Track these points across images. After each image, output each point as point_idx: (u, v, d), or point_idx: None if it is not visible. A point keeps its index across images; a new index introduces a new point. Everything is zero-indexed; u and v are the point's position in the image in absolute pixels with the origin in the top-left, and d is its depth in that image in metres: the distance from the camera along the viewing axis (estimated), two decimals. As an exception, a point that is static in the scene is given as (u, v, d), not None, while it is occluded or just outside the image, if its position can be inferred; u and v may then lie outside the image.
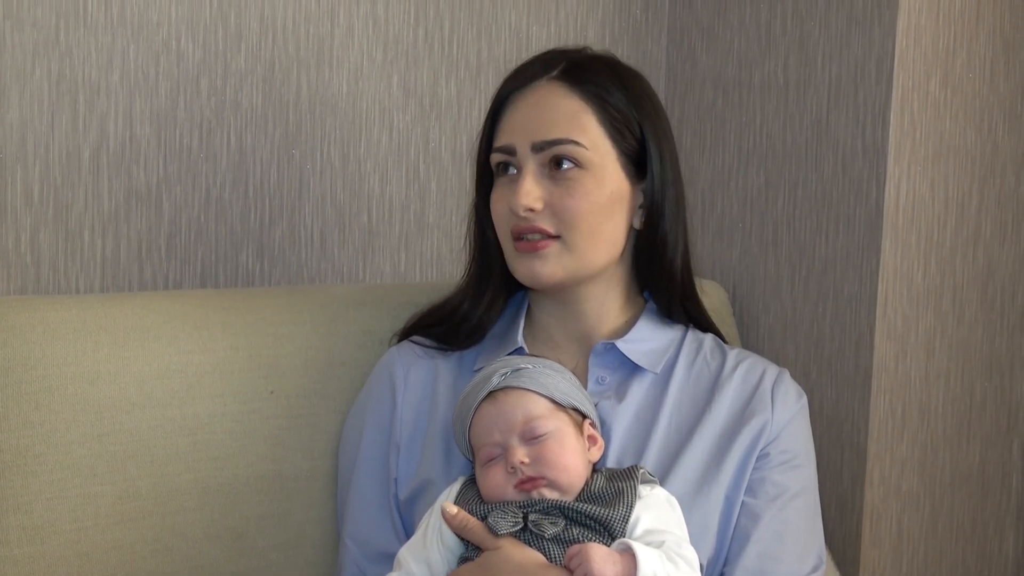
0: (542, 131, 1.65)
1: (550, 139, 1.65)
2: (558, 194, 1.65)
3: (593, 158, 1.65)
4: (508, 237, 1.69)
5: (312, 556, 1.83)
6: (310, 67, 2.17)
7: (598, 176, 1.66)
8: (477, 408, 1.56)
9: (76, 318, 1.70)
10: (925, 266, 2.11)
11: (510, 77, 1.73)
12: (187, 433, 1.74)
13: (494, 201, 1.71)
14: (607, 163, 1.67)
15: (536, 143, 1.65)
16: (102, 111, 2.00)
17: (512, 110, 1.70)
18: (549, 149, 1.65)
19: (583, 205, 1.64)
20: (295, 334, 1.84)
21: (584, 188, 1.65)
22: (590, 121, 1.66)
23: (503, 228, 1.70)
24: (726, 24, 2.36)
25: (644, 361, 1.71)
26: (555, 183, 1.65)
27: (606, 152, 1.67)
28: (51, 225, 1.98)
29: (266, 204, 2.15)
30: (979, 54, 2.13)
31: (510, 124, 1.69)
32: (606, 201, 1.66)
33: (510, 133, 1.68)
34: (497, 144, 1.70)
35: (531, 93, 1.69)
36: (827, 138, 2.16)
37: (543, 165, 1.66)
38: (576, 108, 1.66)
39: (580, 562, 1.41)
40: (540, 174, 1.66)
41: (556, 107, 1.66)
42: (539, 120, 1.66)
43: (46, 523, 1.64)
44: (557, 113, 1.66)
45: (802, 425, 1.72)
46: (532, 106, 1.68)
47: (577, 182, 1.65)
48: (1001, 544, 2.27)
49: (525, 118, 1.67)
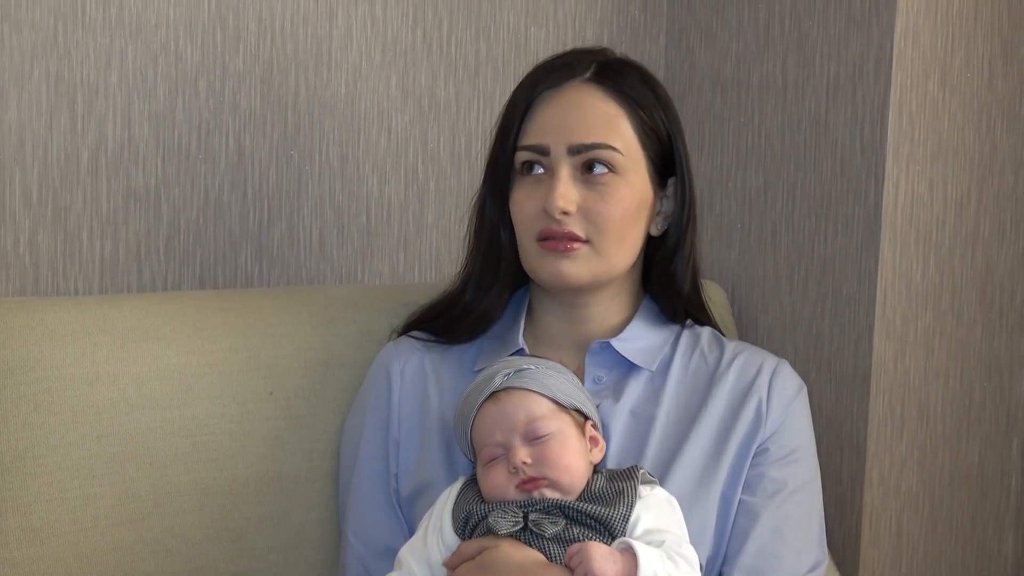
0: (579, 134, 1.64)
1: (588, 143, 1.64)
2: (592, 199, 1.64)
3: (627, 164, 1.66)
4: (532, 238, 1.67)
5: (311, 557, 1.83)
6: (308, 68, 2.16)
7: (629, 182, 1.66)
8: (479, 408, 1.56)
9: (75, 320, 1.70)
10: (924, 266, 2.12)
11: (539, 76, 1.71)
12: (186, 434, 1.74)
13: (518, 200, 1.69)
14: (638, 168, 1.67)
15: (573, 145, 1.64)
16: (100, 112, 2.00)
17: (544, 109, 1.68)
18: (586, 153, 1.64)
19: (616, 211, 1.64)
20: (294, 335, 1.84)
21: (618, 194, 1.65)
22: (625, 126, 1.67)
23: (528, 228, 1.68)
24: (724, 24, 2.36)
25: (639, 359, 1.71)
26: (588, 187, 1.65)
27: (637, 158, 1.67)
28: (50, 226, 1.98)
29: (265, 205, 2.15)
30: (977, 54, 2.13)
31: (543, 123, 1.67)
32: (635, 207, 1.67)
33: (543, 133, 1.67)
34: (527, 142, 1.68)
35: (565, 93, 1.68)
36: (825, 138, 2.16)
37: (577, 168, 1.65)
38: (613, 112, 1.66)
39: (580, 561, 1.41)
40: (573, 177, 1.65)
41: (593, 109, 1.66)
42: (576, 122, 1.65)
43: (45, 525, 1.64)
44: (595, 116, 1.66)
45: (801, 417, 1.72)
46: (568, 107, 1.67)
47: (611, 187, 1.64)
48: (1000, 544, 2.27)
49: (560, 119, 1.66)
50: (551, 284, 1.69)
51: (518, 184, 1.70)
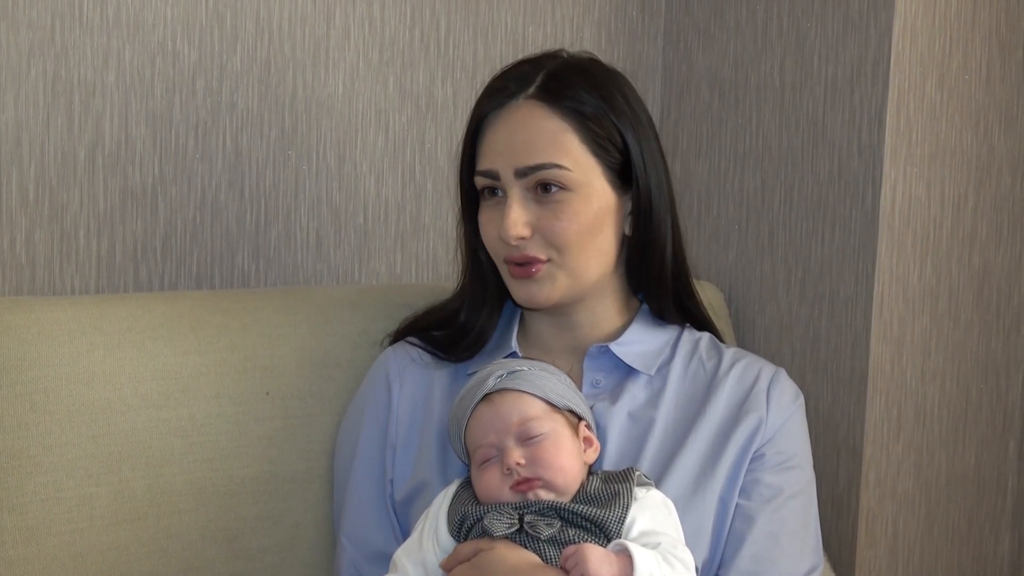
0: (524, 156, 1.63)
1: (533, 164, 1.62)
2: (546, 218, 1.63)
3: (579, 178, 1.63)
4: (502, 263, 1.68)
5: (307, 557, 1.82)
6: (306, 68, 2.16)
7: (585, 195, 1.64)
8: (473, 410, 1.56)
9: (71, 319, 1.70)
10: (921, 268, 2.12)
11: (486, 95, 1.69)
12: (182, 434, 1.74)
13: (483, 224, 1.69)
14: (593, 180, 1.65)
15: (519, 168, 1.63)
16: (97, 112, 2.00)
17: (491, 132, 1.67)
18: (533, 174, 1.63)
19: (571, 227, 1.63)
20: (291, 335, 1.84)
21: (572, 209, 1.63)
22: (572, 141, 1.64)
23: (495, 253, 1.69)
24: (722, 25, 2.36)
25: (638, 363, 1.71)
26: (542, 206, 1.63)
27: (590, 169, 1.65)
28: (46, 226, 1.97)
29: (262, 205, 2.15)
30: (975, 56, 2.13)
31: (491, 147, 1.66)
32: (594, 219, 1.65)
33: (492, 158, 1.66)
34: (480, 168, 1.67)
35: (509, 114, 1.66)
36: (823, 140, 2.16)
37: (528, 189, 1.64)
38: (556, 128, 1.63)
39: (576, 563, 1.41)
40: (526, 198, 1.64)
41: (537, 129, 1.63)
42: (520, 144, 1.63)
43: (41, 524, 1.64)
44: (538, 136, 1.63)
45: (798, 425, 1.72)
46: (511, 129, 1.65)
47: (565, 204, 1.63)
48: (996, 546, 2.27)
49: (506, 142, 1.65)
50: (527, 307, 1.70)
51: (482, 207, 1.70)
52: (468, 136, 1.70)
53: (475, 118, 1.69)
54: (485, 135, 1.68)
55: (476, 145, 1.69)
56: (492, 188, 1.67)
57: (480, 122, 1.68)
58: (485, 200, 1.69)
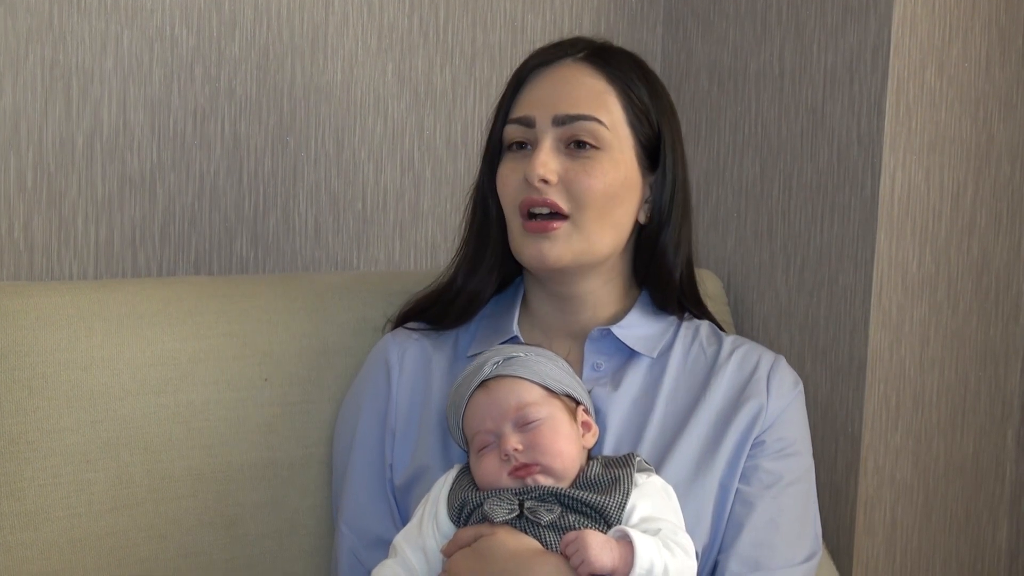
0: (565, 104, 1.65)
1: (573, 113, 1.64)
2: (574, 171, 1.64)
3: (612, 140, 1.65)
4: (516, 213, 1.67)
5: (306, 544, 1.83)
6: (304, 55, 2.16)
7: (615, 158, 1.66)
8: (470, 397, 1.56)
9: (69, 305, 1.69)
10: (920, 256, 2.12)
11: (533, 55, 1.73)
12: (181, 420, 1.74)
13: (503, 175, 1.69)
14: (624, 147, 1.67)
15: (559, 116, 1.65)
16: (96, 97, 1.99)
17: (534, 84, 1.69)
18: (571, 124, 1.64)
19: (598, 185, 1.64)
20: (289, 322, 1.84)
21: (601, 168, 1.64)
22: (613, 103, 1.67)
23: (511, 202, 1.68)
24: (722, 13, 2.35)
25: (640, 346, 1.71)
26: (572, 160, 1.65)
27: (624, 137, 1.67)
28: (44, 212, 1.97)
29: (260, 192, 2.15)
30: (974, 44, 2.12)
31: (531, 97, 1.68)
32: (619, 185, 1.66)
33: (531, 105, 1.68)
34: (515, 115, 1.69)
35: (556, 69, 1.69)
36: (822, 128, 2.15)
37: (561, 140, 1.65)
38: (601, 88, 1.67)
39: (576, 549, 1.41)
40: (557, 149, 1.65)
41: (582, 84, 1.67)
42: (564, 93, 1.66)
43: (39, 510, 1.64)
44: (582, 89, 1.66)
45: (798, 412, 1.72)
46: (557, 80, 1.68)
47: (595, 161, 1.64)
48: (994, 534, 2.27)
49: (549, 91, 1.67)
50: (534, 266, 1.69)
51: (505, 159, 1.71)
52: (509, 88, 1.72)
53: (519, 74, 1.72)
54: (526, 88, 1.70)
55: (514, 98, 1.71)
56: (521, 144, 1.68)
57: (524, 77, 1.71)
58: (511, 152, 1.70)
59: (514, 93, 1.71)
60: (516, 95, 1.71)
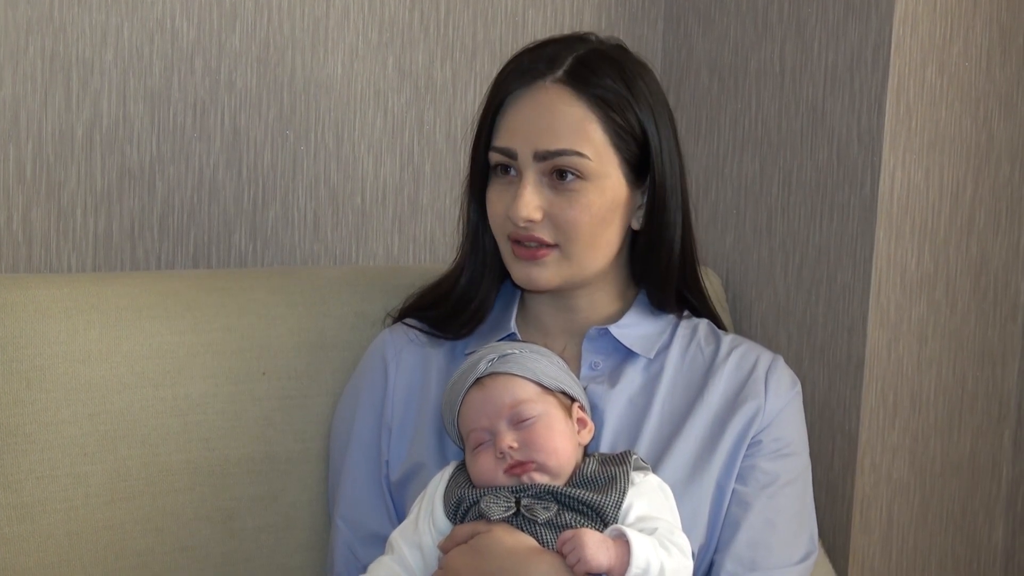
0: (545, 140, 1.62)
1: (554, 149, 1.61)
2: (559, 205, 1.62)
3: (596, 168, 1.63)
4: (505, 240, 1.67)
5: (303, 538, 1.83)
6: (305, 48, 2.16)
7: (600, 186, 1.64)
8: (465, 395, 1.56)
9: (68, 297, 1.69)
10: (919, 255, 2.11)
11: (512, 72, 1.68)
12: (178, 414, 1.74)
13: (491, 201, 1.68)
14: (610, 171, 1.65)
15: (539, 152, 1.62)
16: (95, 89, 1.99)
17: (514, 111, 1.66)
18: (552, 159, 1.62)
19: (583, 217, 1.63)
20: (287, 315, 1.84)
21: (586, 199, 1.62)
22: (595, 130, 1.63)
23: (499, 229, 1.68)
24: (723, 10, 2.35)
25: (637, 346, 1.71)
26: (556, 193, 1.63)
27: (608, 161, 1.64)
28: (43, 203, 1.97)
29: (259, 185, 2.15)
30: (975, 43, 2.12)
31: (512, 126, 1.65)
32: (607, 210, 1.65)
33: (511, 136, 1.65)
34: (497, 144, 1.66)
35: (535, 95, 1.64)
36: (822, 125, 2.15)
37: (544, 174, 1.63)
38: (580, 116, 1.63)
39: (573, 547, 1.41)
40: (540, 183, 1.63)
41: (561, 115, 1.62)
42: (543, 127, 1.62)
43: (36, 502, 1.64)
44: (562, 121, 1.62)
45: (795, 412, 1.72)
46: (536, 110, 1.64)
47: (579, 193, 1.62)
48: (991, 533, 2.28)
49: (528, 122, 1.64)
50: (525, 288, 1.69)
51: (492, 183, 1.69)
52: (488, 110, 1.69)
53: (499, 93, 1.68)
54: (507, 112, 1.66)
55: (496, 120, 1.68)
56: (506, 166, 1.66)
57: (503, 99, 1.67)
58: (496, 176, 1.68)
59: (493, 116, 1.68)
60: (496, 119, 1.67)
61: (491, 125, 1.68)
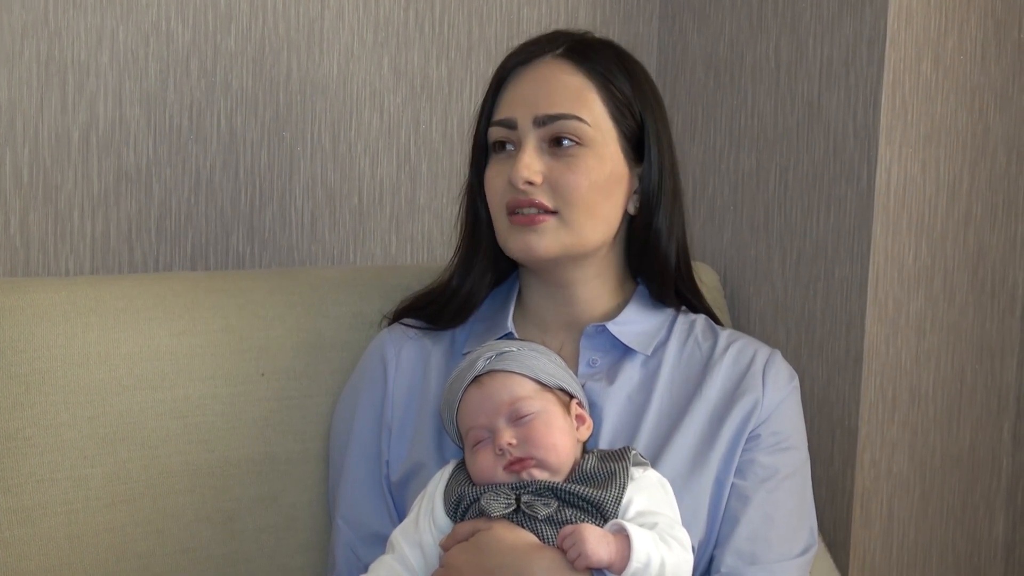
0: (545, 105, 1.65)
1: (553, 113, 1.64)
2: (559, 169, 1.64)
3: (595, 136, 1.65)
4: (502, 212, 1.67)
5: (303, 538, 1.83)
6: (300, 49, 2.16)
7: (599, 154, 1.65)
8: (463, 393, 1.56)
9: (66, 300, 1.69)
10: (916, 248, 2.12)
11: (513, 53, 1.72)
12: (178, 415, 1.74)
13: (489, 177, 1.70)
14: (608, 142, 1.66)
15: (539, 117, 1.64)
16: (91, 92, 1.99)
17: (514, 84, 1.69)
18: (552, 124, 1.64)
19: (583, 181, 1.64)
20: (286, 316, 1.84)
21: (585, 164, 1.64)
22: (594, 99, 1.66)
23: (497, 203, 1.68)
24: (717, 6, 2.35)
25: (635, 343, 1.71)
26: (555, 159, 1.64)
27: (607, 131, 1.67)
28: (40, 207, 1.97)
29: (256, 186, 2.15)
30: (970, 36, 2.12)
31: (512, 97, 1.68)
32: (605, 180, 1.66)
33: (512, 106, 1.67)
34: (497, 117, 1.69)
35: (535, 68, 1.69)
36: (818, 120, 2.15)
37: (544, 140, 1.65)
38: (581, 85, 1.66)
39: (574, 543, 1.41)
40: (540, 149, 1.65)
41: (560, 82, 1.66)
42: (543, 94, 1.66)
43: (37, 505, 1.64)
44: (561, 88, 1.66)
45: (793, 406, 1.72)
46: (536, 80, 1.67)
47: (578, 158, 1.64)
48: (991, 526, 2.28)
49: (528, 91, 1.67)
50: (522, 259, 1.69)
51: (491, 161, 1.71)
52: (490, 90, 1.72)
53: (499, 73, 1.72)
54: (507, 88, 1.70)
55: (496, 98, 1.71)
56: (504, 143, 1.68)
57: (504, 76, 1.70)
58: (496, 154, 1.70)
59: (495, 94, 1.71)
60: (497, 96, 1.71)
61: (492, 104, 1.71)
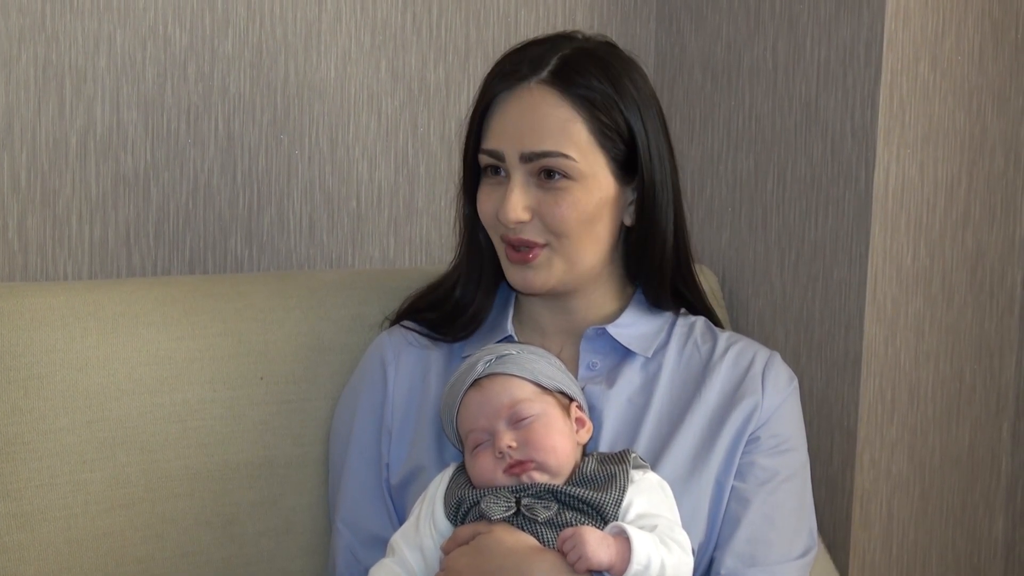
0: (531, 141, 1.63)
1: (539, 151, 1.63)
2: (547, 203, 1.63)
3: (583, 169, 1.64)
4: (499, 241, 1.69)
5: (303, 542, 1.83)
6: (298, 52, 2.16)
7: (587, 185, 1.64)
8: (463, 397, 1.56)
9: (64, 305, 1.69)
10: (914, 249, 2.12)
11: (498, 75, 1.69)
12: (177, 419, 1.74)
13: (481, 200, 1.69)
14: (597, 171, 1.65)
15: (525, 153, 1.63)
16: (89, 96, 1.99)
17: (501, 112, 1.67)
18: (538, 161, 1.63)
19: (571, 215, 1.63)
20: (284, 320, 1.84)
21: (573, 198, 1.63)
22: (580, 131, 1.64)
23: (492, 230, 1.70)
24: (715, 7, 2.35)
25: (635, 345, 1.71)
26: (544, 191, 1.64)
27: (595, 160, 1.65)
28: (38, 211, 1.97)
29: (254, 190, 2.15)
30: (968, 36, 2.13)
31: (499, 128, 1.66)
32: (595, 207, 1.65)
33: (499, 138, 1.66)
34: (486, 146, 1.67)
35: (520, 96, 1.65)
36: (816, 121, 2.16)
37: (531, 174, 1.64)
38: (566, 117, 1.63)
39: (574, 545, 1.41)
40: (528, 183, 1.64)
41: (545, 116, 1.63)
42: (528, 128, 1.64)
43: (36, 510, 1.64)
44: (547, 122, 1.63)
45: (793, 408, 1.72)
46: (521, 112, 1.65)
47: (566, 192, 1.63)
48: (991, 526, 2.28)
49: (514, 124, 1.65)
50: (522, 292, 1.70)
51: (482, 184, 1.70)
52: (476, 113, 1.70)
53: (485, 96, 1.69)
54: (494, 114, 1.68)
55: (483, 123, 1.69)
56: (495, 167, 1.67)
57: (490, 101, 1.68)
58: (487, 177, 1.69)
59: (481, 118, 1.69)
60: (484, 121, 1.69)
61: (479, 128, 1.69)
